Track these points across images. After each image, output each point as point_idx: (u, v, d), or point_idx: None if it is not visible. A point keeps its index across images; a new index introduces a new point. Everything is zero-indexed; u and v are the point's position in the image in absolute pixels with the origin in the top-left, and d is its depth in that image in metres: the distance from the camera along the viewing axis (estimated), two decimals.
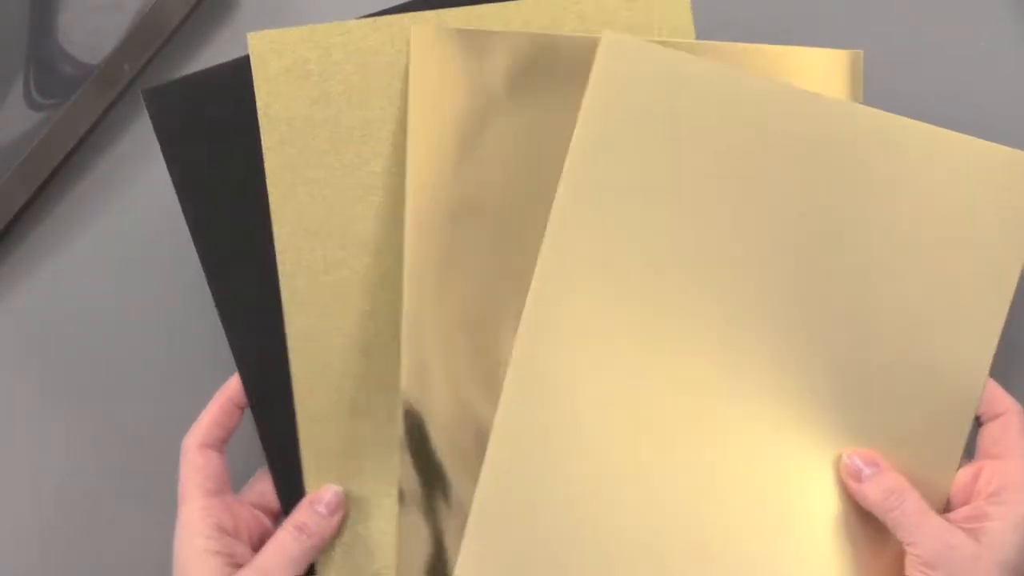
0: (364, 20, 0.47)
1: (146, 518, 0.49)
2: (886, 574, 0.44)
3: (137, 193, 0.55)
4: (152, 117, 0.47)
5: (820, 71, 0.47)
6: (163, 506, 0.45)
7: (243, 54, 0.57)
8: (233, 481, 0.46)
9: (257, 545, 0.45)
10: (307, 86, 0.46)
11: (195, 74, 0.48)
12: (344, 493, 0.46)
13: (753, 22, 0.56)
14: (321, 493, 0.45)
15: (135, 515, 0.46)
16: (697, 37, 0.48)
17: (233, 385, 0.47)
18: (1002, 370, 0.45)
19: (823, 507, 0.44)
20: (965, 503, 0.44)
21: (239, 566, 0.43)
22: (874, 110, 0.46)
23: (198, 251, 0.46)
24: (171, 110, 0.47)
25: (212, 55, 0.57)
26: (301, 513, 0.45)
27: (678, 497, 0.44)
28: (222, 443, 0.46)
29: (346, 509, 0.46)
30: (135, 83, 0.56)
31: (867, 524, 0.44)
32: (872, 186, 0.45)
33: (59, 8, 0.53)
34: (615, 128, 0.44)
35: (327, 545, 0.45)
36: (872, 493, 0.43)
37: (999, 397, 0.46)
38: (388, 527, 0.46)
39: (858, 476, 0.44)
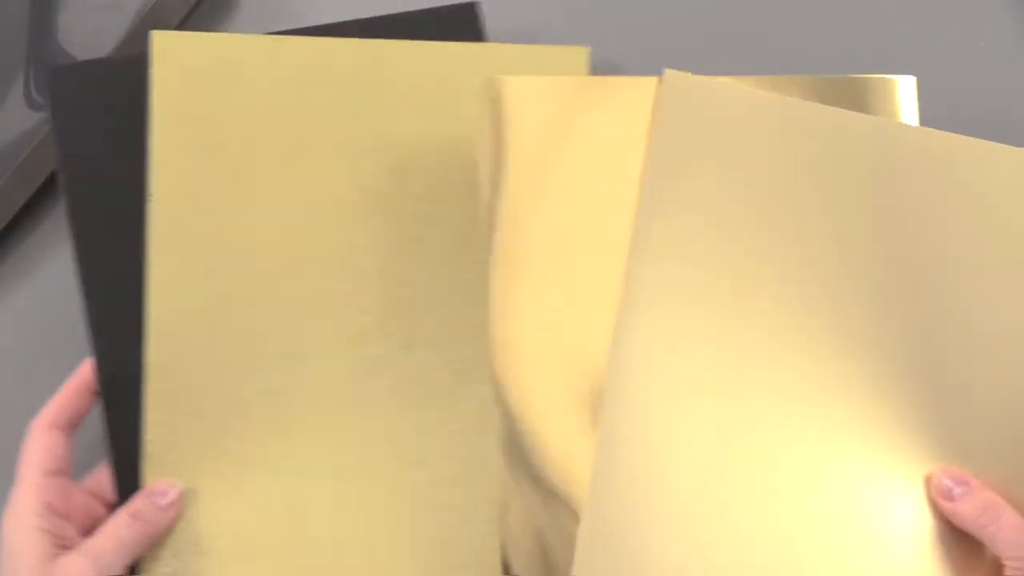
0: (270, 36, 0.48)
1: None
2: None
3: None
4: (53, 94, 0.47)
5: (877, 99, 0.48)
6: None
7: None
8: (78, 471, 0.47)
9: (88, 532, 0.45)
10: (203, 90, 0.47)
11: (103, 59, 0.50)
12: (183, 489, 0.45)
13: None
14: (160, 485, 0.45)
15: None
16: None
17: (88, 369, 0.47)
18: None
19: (916, 525, 0.45)
20: None
21: (66, 548, 0.43)
22: (933, 130, 0.46)
23: (71, 230, 0.47)
24: (72, 91, 0.48)
25: None
26: (138, 502, 0.45)
27: (771, 523, 0.44)
28: (71, 426, 0.46)
29: (182, 506, 0.45)
30: None
31: (960, 541, 0.44)
32: (941, 205, 0.45)
33: (59, 8, 0.53)
34: (684, 164, 0.45)
35: (160, 538, 0.45)
36: (965, 511, 0.44)
37: None
38: (218, 527, 0.46)
39: (949, 496, 0.44)
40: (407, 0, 0.52)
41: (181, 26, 0.56)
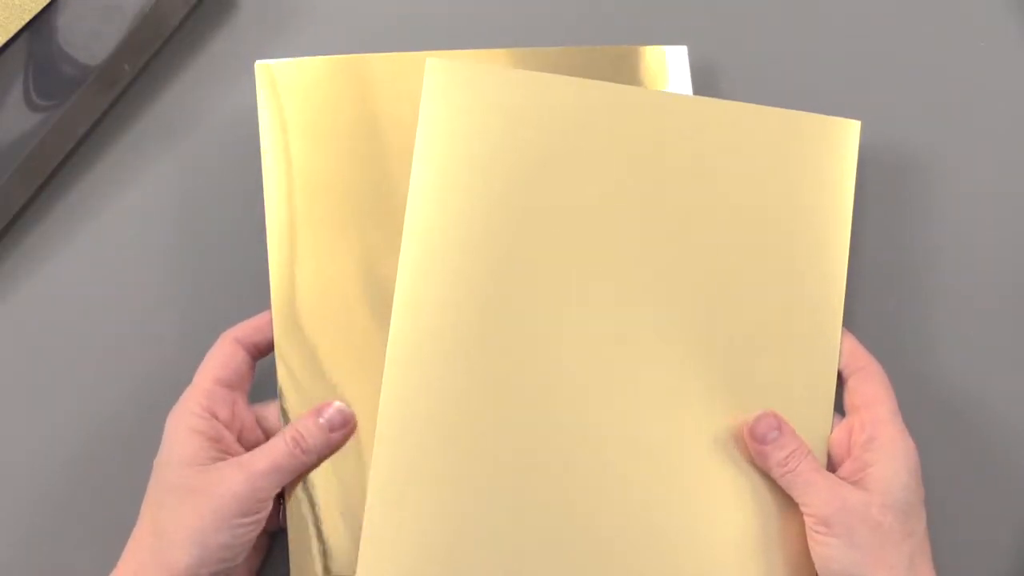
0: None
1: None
2: (796, 539, 0.45)
3: (136, 193, 0.55)
4: None
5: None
6: None
7: (242, 54, 0.57)
8: None
9: (248, 449, 0.45)
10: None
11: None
12: (351, 413, 0.45)
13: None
14: (324, 406, 0.45)
15: (131, 513, 0.46)
16: None
17: None
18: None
19: (723, 483, 0.45)
20: (846, 459, 0.45)
21: (222, 456, 0.43)
22: (693, 97, 0.49)
23: None
24: None
25: (212, 55, 0.57)
26: (301, 422, 0.44)
27: (580, 483, 0.45)
28: (256, 349, 0.46)
29: (351, 429, 0.45)
30: (135, 83, 0.56)
31: (773, 492, 0.45)
32: (707, 167, 0.47)
33: (59, 9, 0.53)
34: (453, 146, 0.47)
35: (320, 461, 0.44)
36: (774, 455, 0.44)
37: (858, 354, 0.47)
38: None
39: (764, 439, 0.44)
40: (412, 3, 0.53)
41: (181, 26, 0.56)
